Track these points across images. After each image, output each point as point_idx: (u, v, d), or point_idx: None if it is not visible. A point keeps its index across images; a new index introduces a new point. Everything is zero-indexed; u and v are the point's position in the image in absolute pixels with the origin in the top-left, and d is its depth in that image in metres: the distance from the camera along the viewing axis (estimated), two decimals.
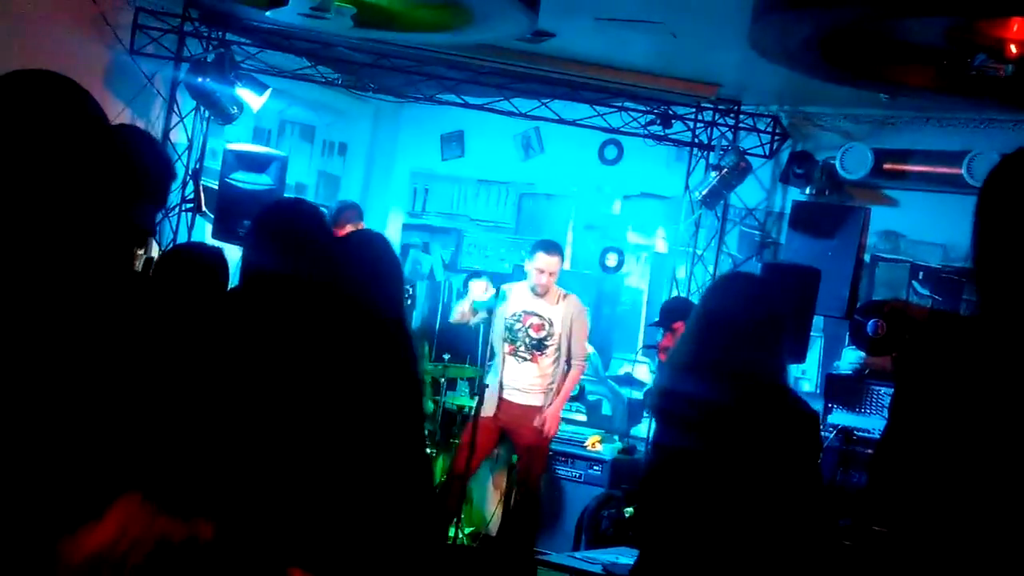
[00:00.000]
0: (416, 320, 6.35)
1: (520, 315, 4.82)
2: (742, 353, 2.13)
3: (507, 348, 4.83)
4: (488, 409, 4.74)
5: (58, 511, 1.15)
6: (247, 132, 5.87)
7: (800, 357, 5.06)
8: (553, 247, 4.97)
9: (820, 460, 2.23)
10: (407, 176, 6.70)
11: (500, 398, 4.80)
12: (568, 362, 4.87)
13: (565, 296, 4.96)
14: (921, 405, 1.39)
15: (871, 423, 4.77)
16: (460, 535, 5.09)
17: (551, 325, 4.84)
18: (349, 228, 4.97)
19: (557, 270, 4.89)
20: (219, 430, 1.62)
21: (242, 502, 1.41)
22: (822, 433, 4.59)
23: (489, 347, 4.97)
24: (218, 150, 5.54)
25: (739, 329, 2.15)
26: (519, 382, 4.80)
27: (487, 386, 4.71)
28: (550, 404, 4.80)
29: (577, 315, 4.92)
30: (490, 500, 5.50)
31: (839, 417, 4.86)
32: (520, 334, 4.83)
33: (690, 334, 2.30)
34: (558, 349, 4.84)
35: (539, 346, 4.84)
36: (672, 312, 4.71)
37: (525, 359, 4.83)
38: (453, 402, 5.47)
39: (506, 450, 5.31)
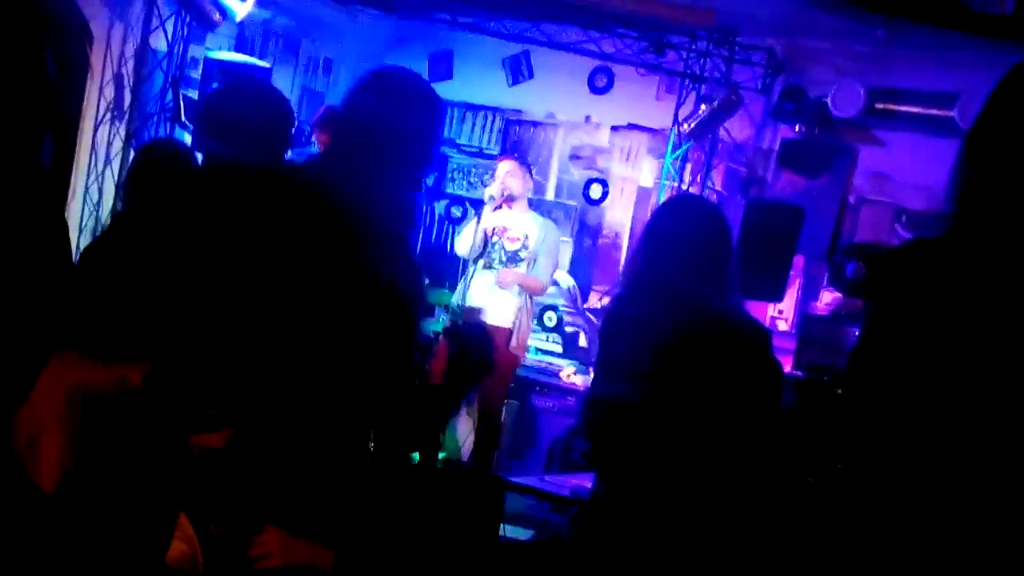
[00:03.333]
0: None
1: (496, 228, 4.73)
2: (682, 277, 2.08)
3: (482, 263, 4.72)
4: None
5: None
6: (230, 42, 5.71)
7: (777, 296, 5.08)
8: (510, 155, 4.99)
9: (778, 382, 2.20)
10: None
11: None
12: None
13: (543, 218, 4.92)
14: (895, 338, 1.37)
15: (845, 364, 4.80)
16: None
17: (526, 239, 4.77)
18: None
19: (519, 176, 4.77)
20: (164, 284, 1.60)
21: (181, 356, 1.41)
22: (794, 372, 4.62)
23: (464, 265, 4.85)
24: (200, 59, 5.38)
25: (680, 253, 2.10)
26: (489, 297, 4.67)
27: (479, 310, 4.59)
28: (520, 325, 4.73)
29: (551, 238, 4.82)
30: (464, 426, 5.55)
31: (813, 357, 4.89)
32: (496, 247, 4.75)
33: (634, 256, 2.26)
34: (530, 266, 4.75)
35: (513, 259, 4.76)
36: None
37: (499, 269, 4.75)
38: (430, 329, 5.44)
39: None
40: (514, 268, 4.70)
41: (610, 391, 2.15)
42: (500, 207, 4.67)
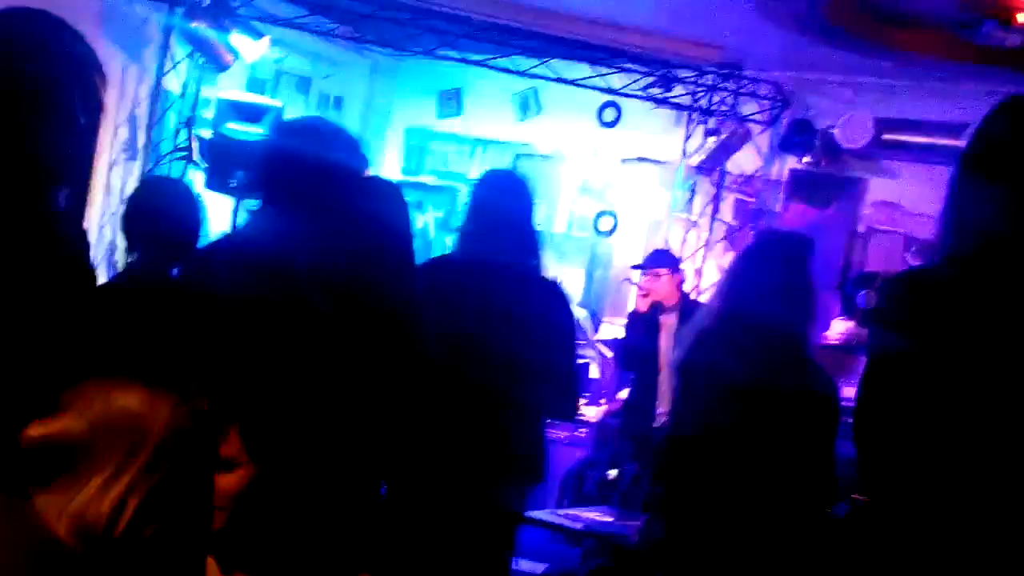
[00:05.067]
0: None
1: None
2: (772, 318, 2.06)
3: None
4: None
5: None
6: (242, 82, 5.79)
7: None
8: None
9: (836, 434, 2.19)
10: (403, 133, 6.63)
11: None
12: None
13: None
14: (896, 365, 1.37)
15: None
16: None
17: None
18: None
19: None
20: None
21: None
22: None
23: None
24: (212, 99, 5.46)
25: (772, 294, 2.08)
26: None
27: None
28: None
29: None
30: None
31: None
32: None
33: (720, 294, 2.24)
34: None
35: None
36: (659, 257, 4.66)
37: None
38: None
39: None
40: None
41: (692, 436, 2.13)
42: None
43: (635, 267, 4.70)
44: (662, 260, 4.59)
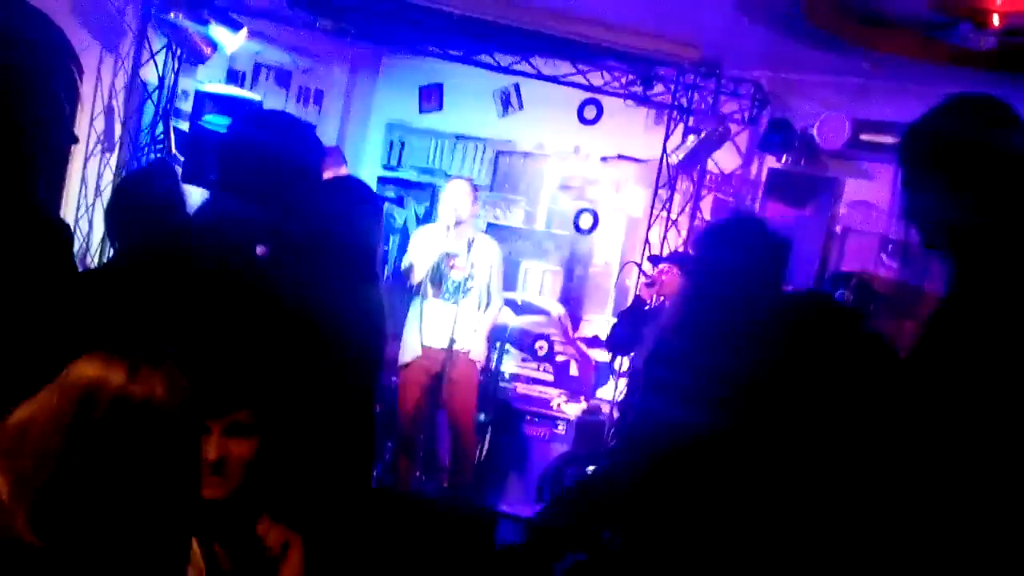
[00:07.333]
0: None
1: (443, 256, 4.74)
2: (747, 303, 1.97)
3: (432, 291, 4.74)
4: (409, 357, 4.72)
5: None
6: (221, 74, 5.74)
7: None
8: (462, 178, 5.01)
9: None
10: (383, 128, 6.60)
11: (422, 344, 4.68)
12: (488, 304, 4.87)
13: (484, 237, 4.96)
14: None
15: None
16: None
17: (472, 267, 4.79)
18: (330, 173, 4.87)
19: (470, 198, 4.81)
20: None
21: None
22: None
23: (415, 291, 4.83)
24: (190, 91, 5.41)
25: (746, 277, 2.02)
26: (446, 326, 4.68)
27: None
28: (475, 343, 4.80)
29: (496, 260, 4.91)
30: (445, 450, 5.51)
31: None
32: (445, 276, 4.76)
33: (690, 290, 2.16)
34: (479, 292, 4.81)
35: (461, 289, 4.79)
36: (677, 256, 4.73)
37: (450, 301, 4.78)
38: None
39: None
40: (463, 298, 4.75)
41: (661, 440, 2.06)
42: (448, 230, 4.71)
43: (652, 258, 4.80)
44: (679, 259, 4.65)
